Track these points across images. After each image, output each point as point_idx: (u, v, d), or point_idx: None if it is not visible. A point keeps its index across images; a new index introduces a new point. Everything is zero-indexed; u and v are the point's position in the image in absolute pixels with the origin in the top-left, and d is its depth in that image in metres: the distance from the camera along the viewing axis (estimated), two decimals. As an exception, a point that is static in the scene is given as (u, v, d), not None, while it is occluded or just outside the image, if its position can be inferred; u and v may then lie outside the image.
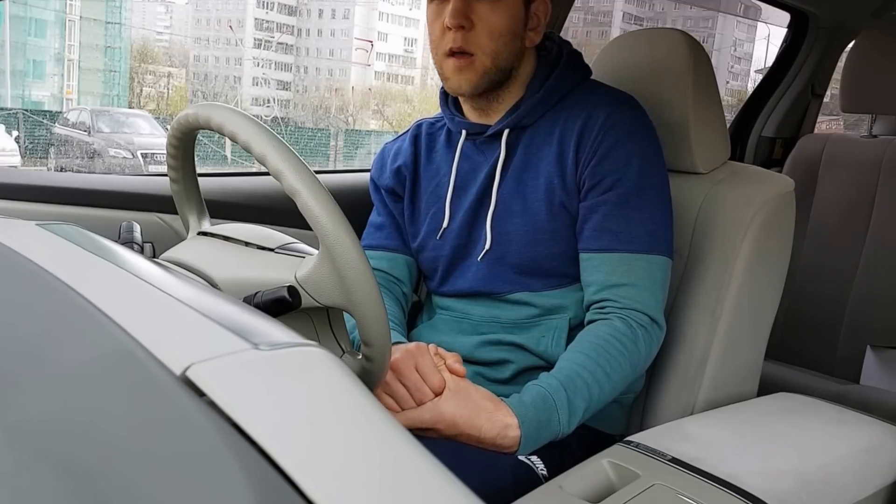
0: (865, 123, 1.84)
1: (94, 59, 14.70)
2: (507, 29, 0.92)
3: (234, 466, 0.27)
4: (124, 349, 0.36)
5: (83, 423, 0.32)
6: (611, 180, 0.92)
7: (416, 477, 0.30)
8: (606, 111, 0.93)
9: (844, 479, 0.86)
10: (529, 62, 0.99)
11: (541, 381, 0.85)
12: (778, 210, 1.05)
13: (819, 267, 1.76)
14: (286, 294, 0.66)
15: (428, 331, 1.05)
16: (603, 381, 0.85)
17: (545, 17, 0.97)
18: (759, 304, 1.06)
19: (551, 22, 1.53)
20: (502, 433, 0.80)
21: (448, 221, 1.02)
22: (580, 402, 0.84)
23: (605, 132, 0.92)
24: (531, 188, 0.96)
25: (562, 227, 0.95)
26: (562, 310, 0.97)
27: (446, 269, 1.03)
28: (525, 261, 0.97)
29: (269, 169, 0.65)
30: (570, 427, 0.84)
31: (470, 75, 0.93)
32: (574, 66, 0.99)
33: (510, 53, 0.94)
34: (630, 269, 0.91)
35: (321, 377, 0.36)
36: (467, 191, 1.01)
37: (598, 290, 0.92)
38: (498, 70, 0.94)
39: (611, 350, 0.87)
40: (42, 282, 0.46)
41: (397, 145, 1.12)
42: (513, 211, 0.97)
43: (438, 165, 1.05)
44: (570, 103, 0.97)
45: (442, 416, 0.80)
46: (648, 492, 0.73)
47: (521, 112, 0.96)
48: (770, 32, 9.56)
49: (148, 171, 7.95)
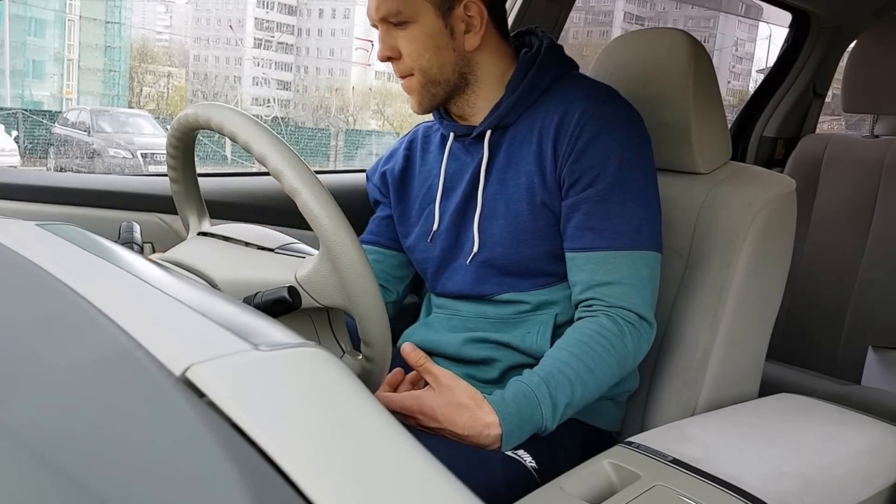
0: (867, 123, 1.84)
1: (93, 58, 14.69)
2: (426, 46, 0.93)
3: (233, 467, 0.27)
4: (124, 350, 0.36)
5: (83, 424, 0.31)
6: (590, 176, 0.91)
7: (415, 477, 0.30)
8: (582, 105, 0.92)
9: (846, 480, 0.86)
10: (501, 61, 0.98)
11: (523, 377, 0.86)
12: (779, 210, 1.05)
13: (820, 267, 1.75)
14: (286, 294, 0.66)
15: (420, 328, 1.06)
16: (587, 377, 0.86)
17: (481, 16, 0.94)
18: (760, 304, 1.06)
19: (552, 22, 1.53)
20: (483, 432, 0.81)
21: (438, 224, 1.03)
22: (562, 397, 0.84)
23: (582, 127, 0.91)
24: (513, 188, 0.96)
25: (545, 227, 0.95)
26: (549, 306, 0.97)
27: (436, 271, 1.04)
28: (510, 262, 0.97)
29: (269, 169, 0.65)
30: (554, 422, 0.84)
31: (416, 96, 0.97)
32: (552, 62, 0.98)
33: (442, 65, 0.94)
34: (615, 267, 0.90)
35: (321, 378, 0.36)
36: (455, 192, 1.02)
37: (584, 290, 0.92)
38: (438, 83, 0.95)
39: (595, 347, 0.87)
40: (42, 282, 0.46)
41: (394, 148, 1.14)
42: (497, 212, 0.97)
43: (431, 167, 1.06)
44: (549, 99, 0.96)
45: (422, 407, 0.82)
46: (649, 493, 0.73)
47: (500, 112, 0.96)
48: (771, 32, 9.56)
49: (148, 171, 7.95)
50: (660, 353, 1.06)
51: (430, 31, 0.92)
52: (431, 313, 1.08)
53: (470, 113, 1.00)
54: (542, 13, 1.50)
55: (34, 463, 0.28)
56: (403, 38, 0.93)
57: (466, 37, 0.94)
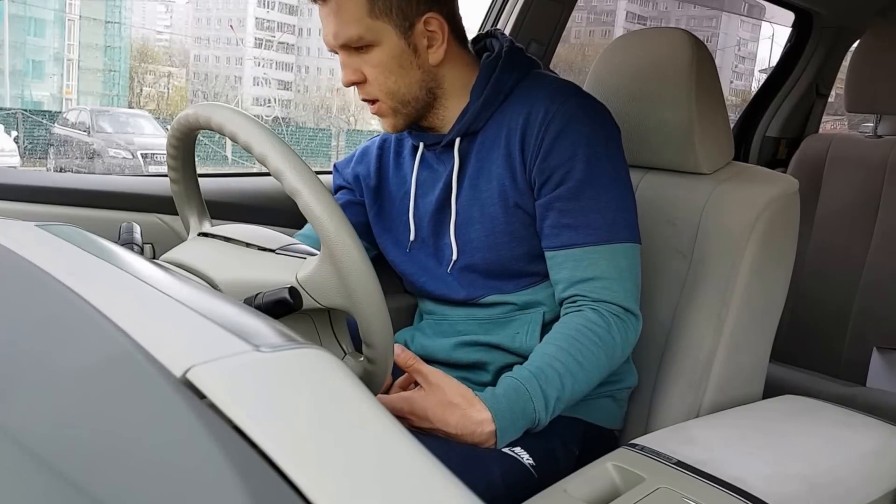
0: (870, 123, 1.83)
1: (93, 58, 14.71)
2: (390, 68, 0.91)
3: (234, 469, 0.27)
4: (124, 351, 0.36)
5: (83, 426, 0.31)
6: (560, 175, 0.90)
7: (417, 478, 0.30)
8: (545, 105, 0.92)
9: (851, 482, 0.85)
10: (464, 70, 0.97)
11: (513, 373, 0.86)
12: (783, 210, 1.04)
13: (824, 267, 1.75)
14: (287, 295, 0.66)
15: (410, 332, 1.07)
16: (576, 370, 0.86)
17: (442, 29, 0.93)
18: (764, 305, 1.06)
19: (554, 22, 1.53)
20: (477, 430, 0.81)
21: (414, 233, 1.03)
22: (553, 391, 0.84)
23: (547, 126, 0.91)
24: (486, 193, 0.96)
25: (520, 228, 0.95)
26: (536, 305, 0.97)
27: (418, 279, 1.04)
28: (492, 266, 0.97)
29: (269, 169, 0.65)
30: (547, 415, 0.84)
31: (387, 119, 0.96)
32: (514, 63, 0.97)
33: (410, 85, 0.93)
34: (594, 263, 0.90)
35: (322, 379, 0.36)
36: (428, 200, 1.01)
37: (567, 287, 0.92)
38: (407, 103, 0.94)
39: (582, 340, 0.87)
40: (41, 283, 0.45)
41: (366, 146, 1.13)
42: (472, 218, 0.97)
43: (405, 173, 1.05)
44: (514, 101, 0.96)
45: (413, 407, 0.82)
46: (653, 495, 0.73)
47: (468, 118, 0.96)
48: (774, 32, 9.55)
49: (148, 171, 7.95)
50: (664, 355, 1.06)
51: (393, 53, 0.91)
52: (423, 319, 1.09)
53: (440, 124, 0.99)
54: (544, 13, 1.50)
55: (34, 465, 0.28)
56: (367, 63, 0.91)
57: (430, 52, 0.93)
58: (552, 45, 1.58)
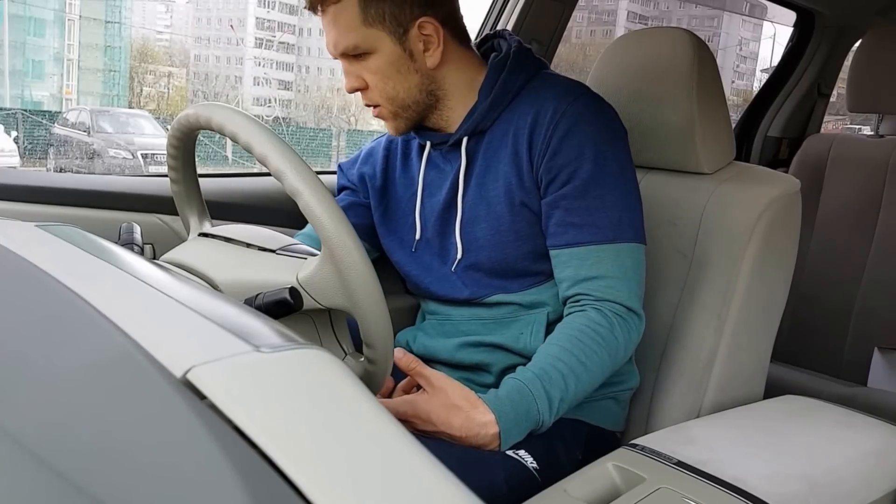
0: (872, 123, 1.83)
1: (93, 58, 14.71)
2: (388, 74, 0.92)
3: (234, 469, 0.27)
4: (124, 352, 0.36)
5: (83, 426, 0.31)
6: (567, 173, 0.91)
7: (417, 479, 0.29)
8: (554, 104, 0.92)
9: (852, 482, 0.85)
10: (467, 70, 0.97)
11: (517, 374, 0.86)
12: (784, 210, 1.04)
13: (825, 267, 1.75)
14: (288, 296, 0.66)
15: (413, 333, 1.07)
16: (579, 371, 0.86)
17: (437, 32, 0.93)
18: (765, 305, 1.06)
19: (555, 21, 1.52)
20: (480, 432, 0.81)
21: (420, 233, 1.03)
22: (556, 392, 0.84)
23: (555, 125, 0.91)
24: (493, 192, 0.96)
25: (526, 227, 0.95)
26: (540, 305, 0.97)
27: (424, 280, 1.04)
28: (497, 265, 0.97)
29: (270, 169, 0.65)
30: (550, 417, 0.84)
31: (390, 122, 0.98)
32: (522, 63, 0.98)
33: (409, 89, 0.94)
34: (599, 262, 0.90)
35: (323, 380, 0.35)
36: (435, 200, 1.02)
37: (571, 286, 0.92)
38: (407, 107, 0.95)
39: (585, 340, 0.87)
40: (41, 283, 0.45)
41: (372, 147, 1.13)
42: (478, 217, 0.97)
43: (413, 174, 1.06)
44: (521, 101, 0.96)
45: (416, 411, 0.82)
46: (654, 495, 0.72)
47: (475, 118, 0.96)
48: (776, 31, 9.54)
49: (148, 171, 7.96)
50: (665, 355, 1.06)
51: (390, 59, 0.92)
52: (425, 319, 1.08)
53: (445, 125, 0.99)
54: (545, 12, 1.50)
55: (34, 465, 0.28)
56: (366, 70, 0.93)
57: (426, 55, 0.93)
58: (553, 44, 1.58)
